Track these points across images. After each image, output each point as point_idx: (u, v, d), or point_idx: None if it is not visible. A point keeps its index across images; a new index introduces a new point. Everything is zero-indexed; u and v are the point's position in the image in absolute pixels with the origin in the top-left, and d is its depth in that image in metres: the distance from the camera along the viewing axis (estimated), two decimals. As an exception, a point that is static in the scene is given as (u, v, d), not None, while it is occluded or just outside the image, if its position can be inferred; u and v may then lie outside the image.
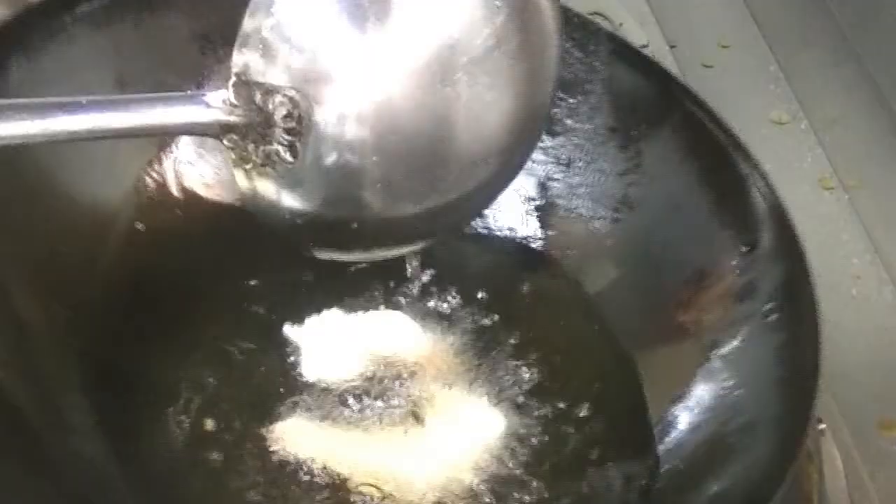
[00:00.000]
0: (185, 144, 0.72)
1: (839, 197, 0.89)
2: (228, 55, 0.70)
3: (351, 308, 0.70)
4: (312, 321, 0.69)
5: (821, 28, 0.99)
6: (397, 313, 0.70)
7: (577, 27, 0.72)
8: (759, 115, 0.70)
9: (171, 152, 0.71)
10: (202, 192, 0.72)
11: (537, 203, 0.74)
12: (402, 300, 0.71)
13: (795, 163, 0.68)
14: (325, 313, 0.70)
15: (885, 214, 0.88)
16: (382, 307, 0.70)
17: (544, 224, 0.74)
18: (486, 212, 0.74)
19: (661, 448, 0.65)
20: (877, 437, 0.76)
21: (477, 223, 0.75)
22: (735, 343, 0.65)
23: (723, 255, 0.67)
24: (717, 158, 0.69)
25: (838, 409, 0.74)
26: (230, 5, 0.70)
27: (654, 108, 0.71)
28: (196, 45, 0.71)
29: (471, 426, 0.66)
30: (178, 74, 0.70)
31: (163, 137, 0.71)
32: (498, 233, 0.75)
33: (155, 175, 0.71)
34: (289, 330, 0.68)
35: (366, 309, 0.70)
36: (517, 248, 0.74)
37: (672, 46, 0.95)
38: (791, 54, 0.98)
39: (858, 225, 0.87)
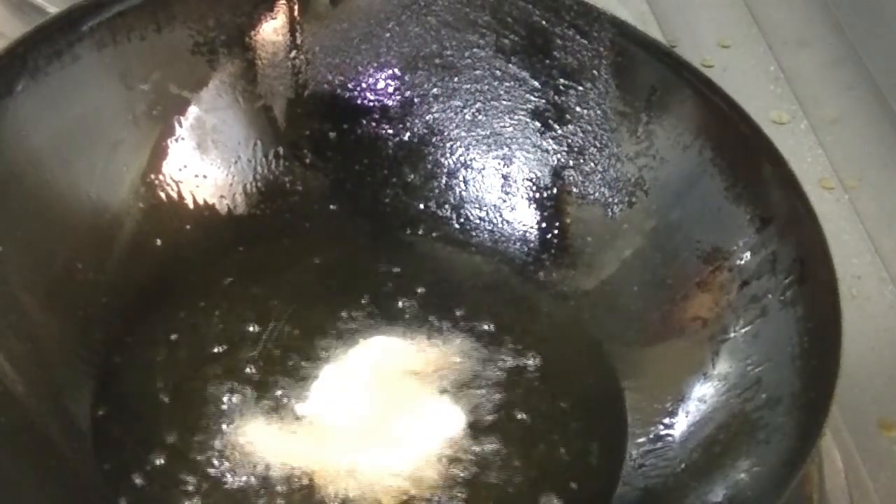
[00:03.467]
0: (183, 146, 0.72)
1: (839, 197, 0.89)
2: (236, 67, 0.72)
3: (354, 315, 0.71)
4: (313, 329, 0.70)
5: (821, 28, 0.99)
6: (397, 315, 0.71)
7: (579, 14, 0.72)
8: (760, 115, 0.71)
9: (169, 155, 0.72)
10: (205, 196, 0.73)
11: (551, 192, 0.75)
12: (406, 303, 0.72)
13: (795, 163, 0.68)
14: (326, 321, 0.70)
15: (885, 214, 0.88)
16: (384, 312, 0.71)
17: (560, 213, 0.75)
18: (501, 204, 0.75)
19: (682, 431, 0.66)
20: (877, 437, 0.76)
21: (491, 215, 0.75)
22: (755, 319, 0.66)
23: (738, 231, 0.68)
24: (727, 136, 0.69)
25: (838, 408, 0.74)
26: (235, 16, 0.72)
27: (662, 90, 0.71)
28: (203, 59, 0.71)
29: (448, 422, 0.67)
30: (187, 89, 0.71)
31: (157, 140, 0.71)
32: (513, 224, 0.75)
33: (154, 179, 0.72)
34: (289, 340, 0.69)
35: (368, 313, 0.71)
36: (533, 239, 0.75)
37: (672, 46, 0.95)
38: (791, 54, 0.98)
39: (858, 225, 0.87)
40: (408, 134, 0.76)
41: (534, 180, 0.75)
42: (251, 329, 0.69)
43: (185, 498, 0.62)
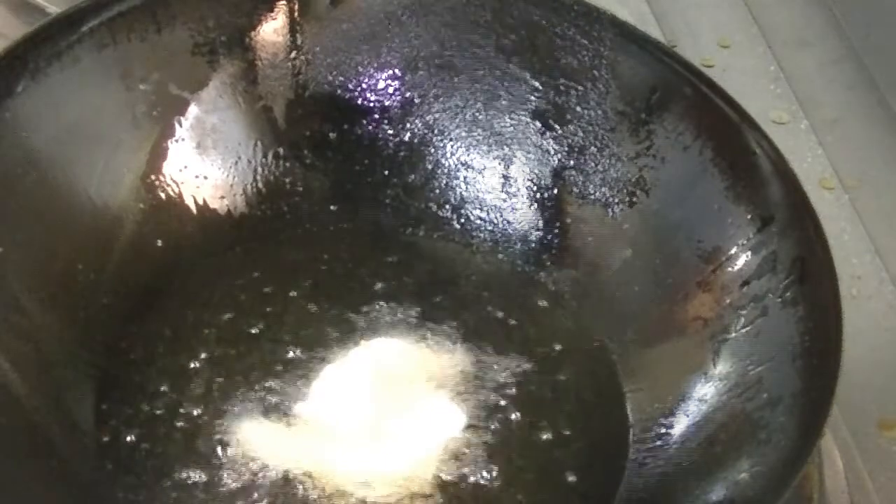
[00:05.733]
0: (184, 147, 0.72)
1: (839, 197, 0.89)
2: (236, 67, 0.72)
3: (355, 316, 0.71)
4: (313, 330, 0.70)
5: (821, 28, 0.99)
6: (398, 316, 0.71)
7: (579, 14, 0.72)
8: (760, 115, 0.71)
9: (169, 156, 0.72)
10: (205, 197, 0.73)
11: (552, 192, 0.75)
12: (406, 304, 0.72)
13: (795, 163, 0.68)
14: (326, 322, 0.70)
15: (885, 214, 0.88)
16: (384, 313, 0.71)
17: (560, 213, 0.75)
18: (501, 204, 0.75)
19: (682, 431, 0.66)
20: (877, 437, 0.76)
21: (491, 215, 0.75)
22: (755, 319, 0.66)
23: (739, 231, 0.68)
24: (728, 135, 0.69)
25: (838, 408, 0.74)
26: (235, 17, 0.72)
27: (662, 90, 0.71)
28: (203, 59, 0.71)
29: (448, 423, 0.67)
30: (187, 89, 0.71)
31: (157, 141, 0.71)
32: (513, 224, 0.75)
33: (154, 180, 0.72)
34: (289, 340, 0.69)
35: (369, 314, 0.71)
36: (533, 239, 0.75)
37: (672, 46, 0.95)
38: (791, 54, 0.98)
39: (858, 225, 0.87)
40: (408, 134, 0.76)
41: (534, 180, 0.75)
42: (252, 329, 0.69)
43: (186, 498, 0.62)
